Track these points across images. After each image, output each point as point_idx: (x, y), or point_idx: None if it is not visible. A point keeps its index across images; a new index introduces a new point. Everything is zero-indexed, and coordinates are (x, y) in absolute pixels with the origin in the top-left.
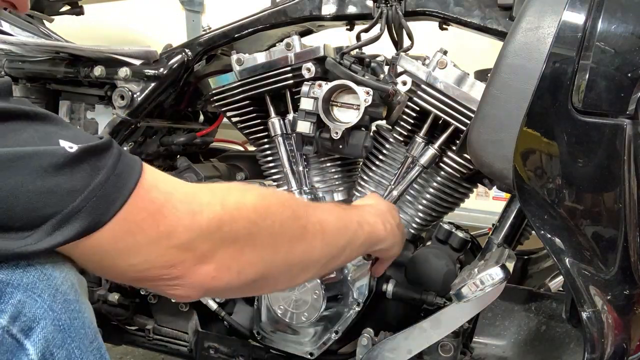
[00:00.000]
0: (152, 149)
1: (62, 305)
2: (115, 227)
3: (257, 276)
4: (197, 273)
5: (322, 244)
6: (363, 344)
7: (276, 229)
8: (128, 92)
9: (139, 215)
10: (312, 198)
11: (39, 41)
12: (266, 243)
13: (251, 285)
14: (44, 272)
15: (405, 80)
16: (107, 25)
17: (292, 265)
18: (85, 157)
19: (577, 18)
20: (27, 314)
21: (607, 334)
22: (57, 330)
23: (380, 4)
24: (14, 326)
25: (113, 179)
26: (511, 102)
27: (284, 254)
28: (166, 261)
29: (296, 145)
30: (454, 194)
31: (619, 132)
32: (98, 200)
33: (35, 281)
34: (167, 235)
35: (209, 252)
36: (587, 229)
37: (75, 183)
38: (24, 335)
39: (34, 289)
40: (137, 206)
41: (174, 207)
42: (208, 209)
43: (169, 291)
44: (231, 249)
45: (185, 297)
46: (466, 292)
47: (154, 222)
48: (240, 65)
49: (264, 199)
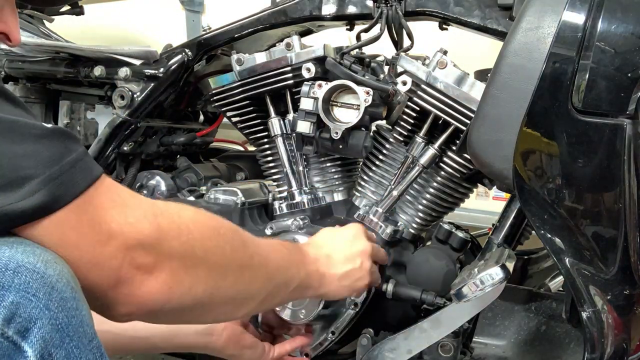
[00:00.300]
0: (152, 149)
1: (58, 304)
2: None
3: (205, 296)
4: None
5: (264, 278)
6: (363, 344)
7: (227, 252)
8: (128, 92)
9: (99, 203)
10: (312, 198)
11: (39, 41)
12: (218, 263)
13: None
14: (36, 271)
15: (405, 80)
16: (107, 25)
17: (238, 292)
18: (60, 136)
19: (577, 18)
20: (23, 314)
21: (607, 334)
22: (55, 329)
23: (380, 4)
24: (9, 328)
25: (81, 163)
26: (511, 102)
27: (232, 278)
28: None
29: (296, 145)
30: (454, 194)
31: (619, 132)
32: (68, 175)
33: (28, 281)
34: (120, 233)
35: (163, 258)
36: (587, 229)
37: (53, 153)
38: (21, 336)
39: (27, 289)
40: (100, 193)
41: (130, 208)
42: (165, 216)
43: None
44: (187, 260)
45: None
46: (466, 292)
47: (111, 214)
48: (240, 65)
49: (217, 221)
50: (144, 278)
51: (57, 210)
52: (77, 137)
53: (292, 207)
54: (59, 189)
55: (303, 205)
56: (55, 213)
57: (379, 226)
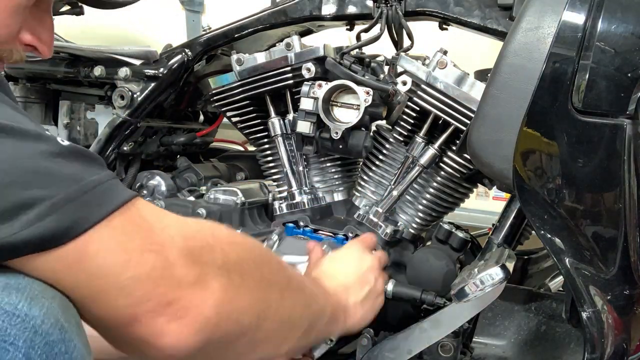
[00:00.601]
0: (152, 149)
1: (42, 351)
2: (102, 231)
3: (252, 323)
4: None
5: (304, 304)
6: (363, 344)
7: (265, 273)
8: (128, 92)
9: (128, 226)
10: (312, 198)
11: None
12: (258, 285)
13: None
14: (16, 315)
15: (405, 80)
16: (107, 25)
17: (282, 319)
18: (79, 155)
19: (577, 18)
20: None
21: (607, 334)
22: None
23: (380, 4)
24: None
25: (107, 184)
26: (511, 102)
27: (275, 302)
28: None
29: (296, 145)
30: (454, 194)
31: (619, 132)
32: (91, 196)
33: (5, 327)
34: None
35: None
36: (587, 229)
37: (71, 172)
38: None
39: (4, 337)
40: (128, 216)
41: (166, 227)
42: (200, 235)
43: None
44: (225, 278)
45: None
46: (466, 292)
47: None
48: (240, 65)
49: (250, 240)
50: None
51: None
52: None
53: (292, 207)
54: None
55: (303, 205)
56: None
57: (379, 226)
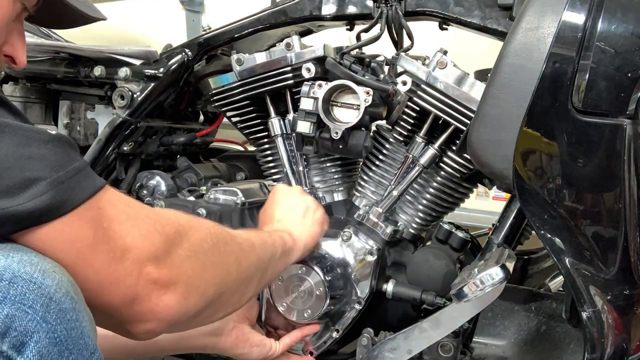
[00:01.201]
0: (152, 149)
1: (56, 316)
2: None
3: (216, 295)
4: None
5: (257, 258)
6: (363, 344)
7: (222, 248)
8: (128, 92)
9: (108, 213)
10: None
11: (38, 41)
12: (219, 261)
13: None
14: (33, 282)
15: (405, 80)
16: (107, 25)
17: (241, 281)
18: (65, 144)
19: (577, 18)
20: (18, 328)
21: (607, 334)
22: (53, 343)
23: (380, 4)
24: (4, 343)
25: (85, 171)
26: (511, 102)
27: (234, 270)
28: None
29: (296, 145)
30: (454, 194)
31: (619, 132)
32: (74, 180)
33: (24, 292)
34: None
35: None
36: (587, 229)
37: (58, 158)
38: (16, 351)
39: (23, 300)
40: (108, 202)
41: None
42: (170, 225)
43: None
44: (195, 266)
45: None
46: (466, 292)
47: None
48: (240, 65)
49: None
50: (161, 292)
51: (64, 214)
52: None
53: None
54: (66, 193)
55: None
56: (61, 217)
57: (379, 226)
